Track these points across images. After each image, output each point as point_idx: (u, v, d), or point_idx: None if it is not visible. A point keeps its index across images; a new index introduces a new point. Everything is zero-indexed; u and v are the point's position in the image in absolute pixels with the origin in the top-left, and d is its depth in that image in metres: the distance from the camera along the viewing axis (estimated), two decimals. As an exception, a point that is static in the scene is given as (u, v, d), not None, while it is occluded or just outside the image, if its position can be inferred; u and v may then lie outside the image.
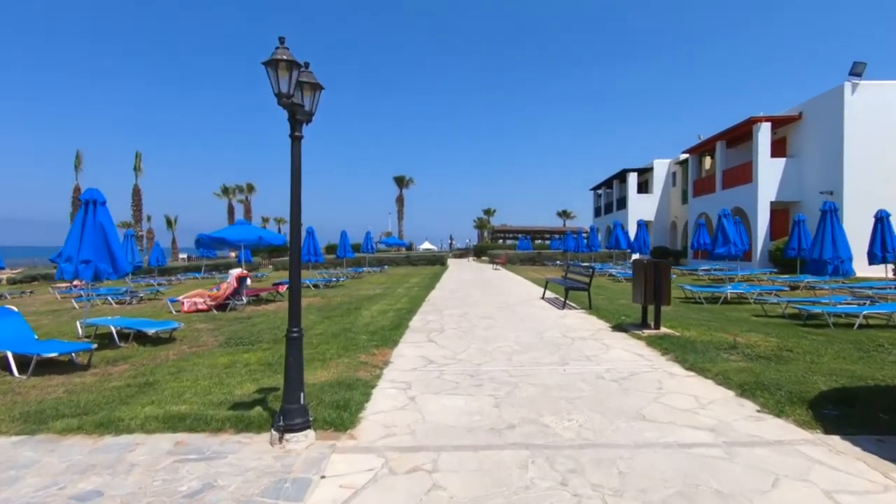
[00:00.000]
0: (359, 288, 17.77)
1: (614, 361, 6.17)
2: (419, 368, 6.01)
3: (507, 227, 77.14)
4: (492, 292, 15.17)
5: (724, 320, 9.46)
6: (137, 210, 42.75)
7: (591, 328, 8.50)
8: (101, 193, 7.60)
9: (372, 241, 29.33)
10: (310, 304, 12.81)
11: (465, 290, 16.18)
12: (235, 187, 66.30)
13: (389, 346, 7.22)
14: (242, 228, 12.41)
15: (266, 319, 10.29)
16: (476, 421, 4.22)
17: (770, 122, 23.11)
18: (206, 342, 8.12)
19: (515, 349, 6.96)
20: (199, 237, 12.28)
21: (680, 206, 35.46)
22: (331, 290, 16.83)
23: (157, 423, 4.22)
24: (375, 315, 10.45)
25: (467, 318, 9.95)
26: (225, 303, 11.92)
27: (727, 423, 4.07)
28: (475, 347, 7.13)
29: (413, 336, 8.07)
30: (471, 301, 12.79)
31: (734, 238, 12.63)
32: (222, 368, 6.16)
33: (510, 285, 17.80)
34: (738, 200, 24.95)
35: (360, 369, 5.92)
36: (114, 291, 17.19)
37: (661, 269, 7.65)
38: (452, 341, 7.60)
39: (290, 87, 3.69)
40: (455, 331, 8.47)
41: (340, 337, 7.95)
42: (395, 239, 48.29)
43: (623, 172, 38.42)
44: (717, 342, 6.92)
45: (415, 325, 9.19)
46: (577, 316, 9.91)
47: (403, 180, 62.23)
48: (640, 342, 7.20)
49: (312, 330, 8.73)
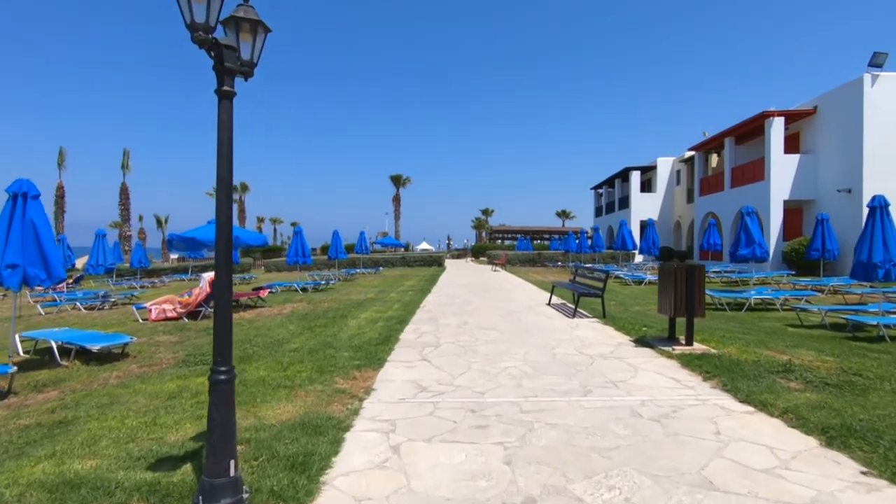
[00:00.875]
0: (349, 292, 16.59)
1: (648, 389, 5.02)
2: (408, 399, 4.85)
3: (506, 227, 76.11)
4: (493, 297, 14.02)
5: (759, 332, 8.33)
6: (125, 209, 41.45)
7: (610, 342, 7.35)
8: (33, 185, 6.43)
9: (366, 242, 28.16)
10: (293, 311, 11.64)
11: (463, 294, 15.03)
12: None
13: (374, 367, 6.06)
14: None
15: (239, 330, 9.12)
16: (482, 490, 3.06)
17: (783, 117, 22.03)
18: (161, 360, 6.94)
19: (525, 371, 5.80)
20: (170, 237, 11.09)
21: (685, 206, 34.39)
22: (319, 295, 15.65)
23: (42, 495, 3.04)
24: (363, 325, 9.29)
25: (466, 328, 8.79)
26: (197, 310, 10.74)
27: (831, 496, 2.92)
28: (476, 368, 5.98)
29: (404, 353, 6.91)
30: (470, 308, 11.63)
31: (759, 238, 11.50)
32: (165, 399, 4.99)
33: (512, 289, 16.65)
34: (749, 199, 23.84)
35: (334, 401, 4.76)
36: (89, 295, 15.98)
37: (695, 275, 6.51)
38: (449, 360, 6.44)
39: (210, 17, 2.54)
40: (452, 346, 7.31)
41: (318, 354, 6.78)
42: (391, 239, 47.11)
43: (626, 171, 37.33)
44: (766, 362, 5.78)
45: (406, 337, 8.03)
46: (590, 326, 8.76)
47: (400, 179, 61.06)
48: (673, 362, 6.05)
49: (287, 345, 7.55)
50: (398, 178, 61.07)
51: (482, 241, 72.15)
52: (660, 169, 36.56)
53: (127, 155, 41.04)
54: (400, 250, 42.15)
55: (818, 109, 21.63)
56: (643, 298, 13.52)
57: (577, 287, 10.71)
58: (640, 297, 14.09)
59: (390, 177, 61.14)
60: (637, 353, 6.62)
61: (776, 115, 21.90)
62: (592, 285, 10.32)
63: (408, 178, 61.48)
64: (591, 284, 10.49)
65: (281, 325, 9.45)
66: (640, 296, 14.39)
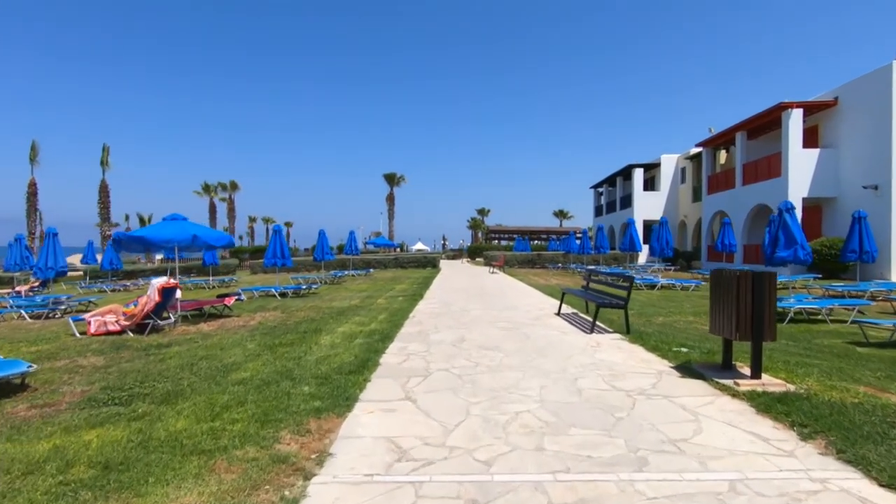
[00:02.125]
0: (333, 297, 14.97)
1: (728, 457, 3.45)
2: (376, 477, 3.26)
3: (502, 227, 74.72)
4: (493, 304, 12.43)
5: (824, 353, 6.79)
6: (105, 208, 39.58)
7: (647, 370, 5.78)
8: None
9: (356, 242, 26.54)
10: (261, 323, 10.01)
11: (459, 301, 13.44)
12: (218, 185, 63.25)
13: (339, 412, 4.46)
14: (172, 226, 9.60)
15: (187, 350, 7.49)
16: None
17: (802, 109, 20.57)
18: (66, 396, 5.31)
19: (544, 420, 4.21)
20: (116, 236, 9.46)
21: (690, 204, 32.99)
22: (297, 301, 14.01)
23: None
24: (338, 342, 7.68)
25: (463, 348, 7.20)
26: (144, 322, 9.10)
27: None
28: (478, 414, 4.38)
29: (382, 386, 5.31)
30: (467, 319, 10.04)
31: (801, 239, 9.97)
32: (15, 476, 3.37)
33: (514, 295, 15.07)
34: (763, 197, 22.41)
35: (266, 480, 3.16)
36: (35, 302, 14.28)
37: (764, 286, 4.95)
38: (441, 399, 4.85)
39: None
40: (446, 376, 5.72)
41: (269, 389, 5.18)
42: (384, 239, 45.46)
43: (628, 168, 35.91)
44: (876, 408, 4.22)
45: (389, 361, 6.44)
46: (615, 346, 7.19)
47: (394, 178, 59.44)
48: (744, 405, 4.48)
49: (235, 373, 5.93)
50: (392, 176, 59.42)
51: (478, 241, 70.69)
52: (664, 166, 35.15)
53: (107, 151, 39.16)
54: (393, 251, 40.54)
55: (839, 101, 20.19)
56: (662, 306, 11.98)
57: (593, 295, 9.13)
58: (657, 304, 12.54)
59: (384, 175, 59.53)
60: (688, 387, 5.04)
61: (794, 106, 20.45)
62: (612, 294, 8.74)
63: (402, 177, 59.88)
64: (609, 293, 8.90)
65: (238, 344, 7.82)
66: (656, 303, 12.84)
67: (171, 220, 9.91)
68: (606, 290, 9.32)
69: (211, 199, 60.93)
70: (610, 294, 8.76)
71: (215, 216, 60.72)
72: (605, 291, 9.16)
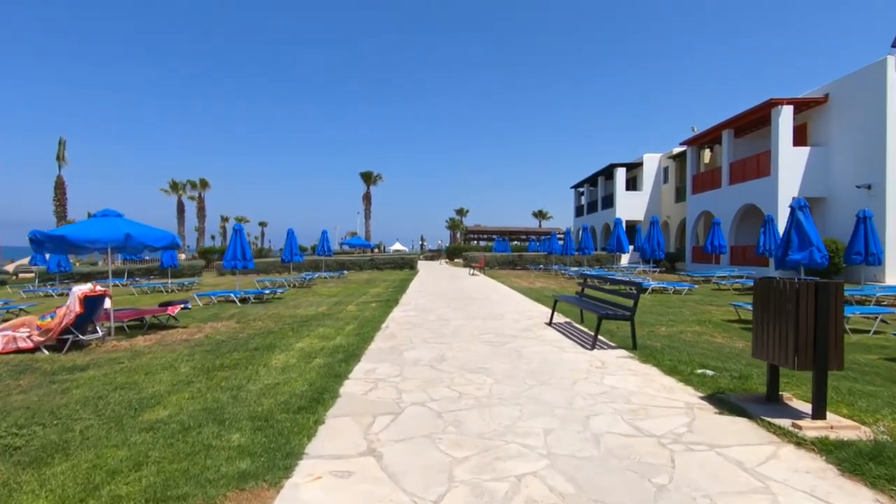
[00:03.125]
0: (299, 303, 13.59)
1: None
2: None
3: (481, 227, 73.88)
4: (476, 312, 11.25)
5: (872, 375, 5.79)
6: (61, 205, 37.14)
7: (671, 401, 4.65)
8: None
9: (329, 242, 25.10)
10: (209, 336, 8.62)
11: (438, 307, 12.22)
12: (187, 182, 60.56)
13: (273, 479, 3.20)
14: (100, 223, 8.13)
15: (103, 375, 6.10)
16: None
17: (792, 106, 19.96)
18: None
19: (560, 491, 3.02)
20: (32, 235, 7.95)
21: (673, 205, 32.44)
22: (258, 308, 12.58)
23: None
24: (293, 363, 6.38)
25: (444, 371, 5.99)
26: (63, 338, 7.64)
27: None
28: (465, 482, 3.16)
29: (338, 433, 4.05)
30: (448, 330, 8.83)
31: (817, 240, 9.05)
32: None
33: (498, 299, 13.93)
34: (751, 196, 21.79)
35: None
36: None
37: (829, 300, 3.86)
38: (415, 454, 3.62)
39: None
40: (422, 413, 4.49)
41: (187, 439, 3.87)
42: (360, 239, 43.94)
43: (610, 168, 35.23)
44: None
45: (351, 390, 5.18)
46: (622, 365, 6.06)
47: (371, 176, 57.89)
48: (818, 459, 3.36)
49: (149, 413, 4.59)
50: (369, 174, 57.85)
51: (457, 241, 69.61)
52: (646, 166, 34.57)
53: (63, 145, 36.74)
54: (369, 252, 39.10)
55: (830, 97, 19.64)
56: (660, 313, 10.95)
57: (591, 304, 8.02)
58: (654, 310, 11.52)
59: (360, 174, 57.89)
60: (736, 431, 3.91)
61: (785, 103, 19.82)
62: (614, 303, 7.61)
63: (379, 175, 58.34)
64: (611, 301, 7.77)
65: (170, 366, 6.45)
66: (652, 309, 11.83)
67: (101, 216, 8.44)
68: (606, 297, 8.20)
69: (179, 198, 58.39)
70: (612, 303, 7.64)
71: (183, 215, 58.25)
72: (604, 300, 8.05)
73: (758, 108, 20.72)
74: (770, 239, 15.36)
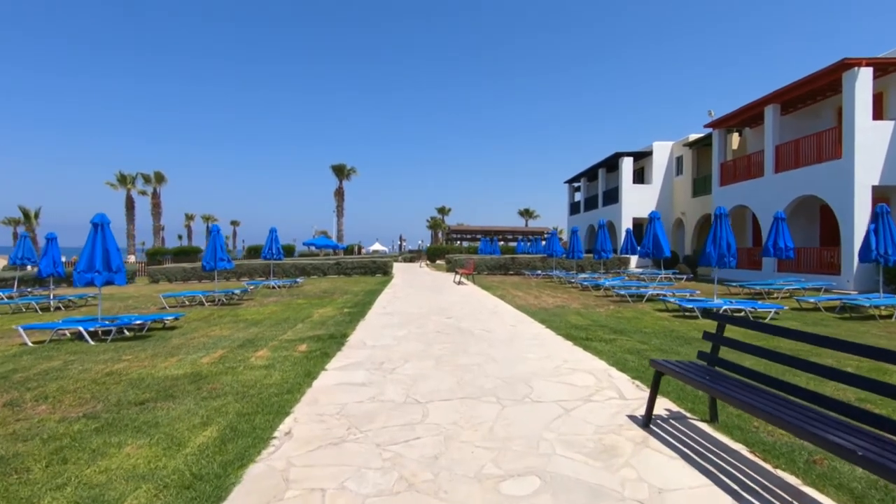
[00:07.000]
0: (184, 342, 8.43)
1: None
2: None
3: (465, 226, 68.99)
4: (479, 370, 6.25)
5: None
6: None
7: None
8: None
9: (278, 243, 19.92)
10: None
11: (410, 353, 7.21)
12: (138, 175, 54.18)
13: None
14: None
15: None
16: None
17: (872, 68, 15.50)
18: None
19: None
20: None
21: (689, 200, 27.97)
22: (97, 357, 7.36)
23: None
24: None
25: None
26: None
27: None
28: None
29: None
30: (423, 420, 3.87)
31: None
32: None
33: (498, 326, 9.03)
34: (810, 186, 17.28)
35: None
36: None
37: None
38: None
39: None
40: None
41: None
42: (325, 239, 38.67)
43: (615, 157, 30.65)
44: None
45: None
46: None
47: (344, 170, 52.59)
48: None
49: None
50: (342, 168, 52.52)
51: (438, 242, 64.77)
52: (655, 155, 30.08)
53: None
54: (336, 253, 33.88)
55: (920, 57, 15.25)
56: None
57: (790, 414, 3.13)
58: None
59: (332, 167, 52.51)
60: None
61: (864, 64, 15.35)
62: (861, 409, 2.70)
63: (353, 169, 53.06)
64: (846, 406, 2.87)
65: None
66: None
67: None
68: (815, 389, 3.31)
69: (128, 192, 52.12)
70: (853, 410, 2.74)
71: (133, 213, 52.01)
72: (818, 395, 3.16)
73: (823, 72, 16.23)
74: (885, 239, 10.86)
